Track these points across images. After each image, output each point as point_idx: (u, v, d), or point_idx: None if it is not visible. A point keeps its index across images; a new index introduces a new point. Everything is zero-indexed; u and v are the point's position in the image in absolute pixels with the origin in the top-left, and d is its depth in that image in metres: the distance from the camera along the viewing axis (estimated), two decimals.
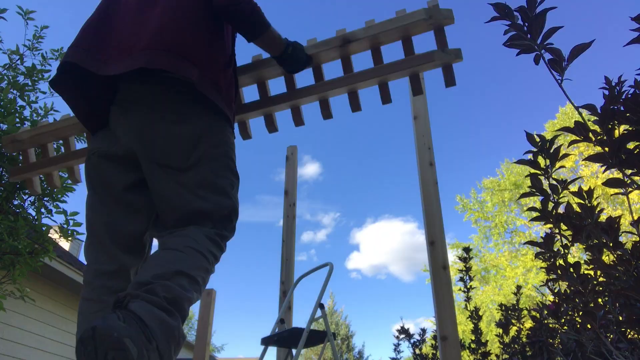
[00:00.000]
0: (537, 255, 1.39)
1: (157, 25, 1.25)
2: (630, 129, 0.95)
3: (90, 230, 1.26)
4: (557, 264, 1.31)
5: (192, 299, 1.02)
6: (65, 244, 10.22)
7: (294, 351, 2.58)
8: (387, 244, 41.92)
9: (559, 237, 1.33)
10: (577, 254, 11.95)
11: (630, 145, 0.98)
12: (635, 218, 1.03)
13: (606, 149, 0.99)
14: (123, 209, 1.25)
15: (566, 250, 1.33)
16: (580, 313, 1.28)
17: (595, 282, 1.26)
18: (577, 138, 1.05)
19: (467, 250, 3.09)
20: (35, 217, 2.64)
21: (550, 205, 1.27)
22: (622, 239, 1.13)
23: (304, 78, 2.03)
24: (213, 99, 1.25)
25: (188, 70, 1.20)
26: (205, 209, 1.19)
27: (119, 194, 1.25)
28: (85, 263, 1.25)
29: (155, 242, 1.37)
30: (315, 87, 1.96)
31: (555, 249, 1.36)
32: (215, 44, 1.35)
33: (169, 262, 1.02)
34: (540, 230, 14.45)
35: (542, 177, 1.27)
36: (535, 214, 1.29)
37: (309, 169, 39.19)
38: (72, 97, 1.34)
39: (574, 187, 1.28)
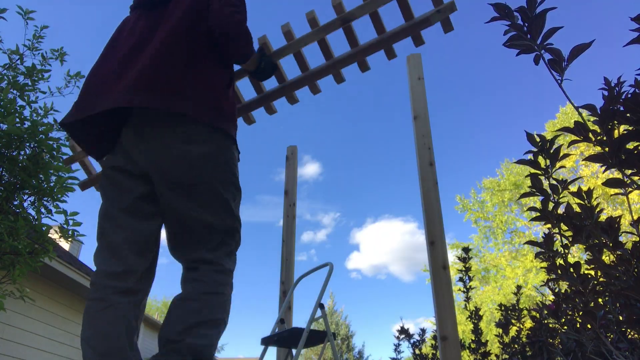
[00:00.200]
0: (537, 255, 1.39)
1: (148, 64, 1.34)
2: (630, 129, 0.95)
3: (102, 236, 1.33)
4: (557, 264, 1.31)
5: (215, 340, 1.21)
6: (65, 244, 10.22)
7: (294, 351, 2.58)
8: (387, 244, 41.94)
9: (559, 237, 1.33)
10: (577, 254, 11.94)
11: (630, 145, 0.98)
12: (635, 218, 1.03)
13: (606, 149, 0.99)
14: (135, 215, 1.33)
15: (566, 250, 1.33)
16: (580, 313, 1.28)
17: (595, 282, 1.26)
18: (577, 138, 1.05)
19: (466, 250, 3.09)
20: (35, 217, 2.64)
21: (551, 205, 1.27)
22: (622, 239, 1.13)
23: (317, 58, 2.40)
24: (217, 124, 1.35)
25: (179, 105, 1.29)
26: (211, 223, 1.32)
27: (133, 202, 1.34)
28: (95, 268, 1.31)
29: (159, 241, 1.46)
30: (327, 66, 2.36)
31: (555, 249, 1.36)
32: (213, 71, 1.45)
33: (190, 315, 1.19)
34: (540, 230, 14.45)
35: (542, 177, 1.27)
36: (535, 214, 1.29)
37: (309, 169, 39.21)
38: (81, 138, 1.47)
39: (574, 187, 1.28)
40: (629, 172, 0.99)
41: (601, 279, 1.23)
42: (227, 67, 1.56)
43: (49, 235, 2.77)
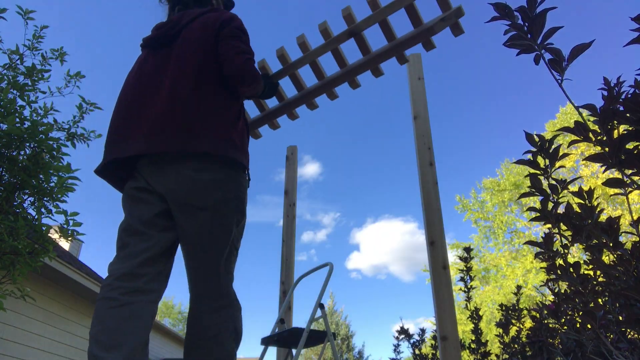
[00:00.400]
0: (537, 255, 1.39)
1: (161, 111, 1.46)
2: (630, 129, 0.95)
3: (122, 247, 1.44)
4: (557, 264, 1.31)
5: None
6: (65, 244, 10.22)
7: (294, 351, 2.58)
8: (387, 244, 41.93)
9: (558, 237, 1.33)
10: (577, 254, 11.94)
11: (630, 146, 0.98)
12: (635, 218, 1.03)
13: (606, 149, 0.99)
14: (155, 227, 1.45)
15: (566, 250, 1.33)
16: (580, 313, 1.28)
17: (595, 282, 1.26)
18: (577, 138, 1.05)
19: (467, 250, 3.09)
20: (35, 217, 2.64)
21: (550, 205, 1.27)
22: (622, 239, 1.13)
23: (331, 65, 2.47)
24: (228, 155, 1.45)
25: (193, 145, 1.41)
26: (214, 245, 1.44)
27: (152, 217, 1.46)
28: (107, 274, 1.39)
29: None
30: (342, 74, 2.43)
31: (555, 249, 1.36)
32: (224, 105, 1.53)
33: None
34: (540, 230, 14.45)
35: (541, 177, 1.27)
36: (535, 214, 1.29)
37: (309, 169, 39.20)
38: (111, 179, 1.59)
39: (573, 187, 1.28)
40: (629, 172, 0.99)
41: (601, 279, 1.23)
42: (236, 99, 1.62)
43: (49, 235, 2.76)
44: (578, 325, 1.43)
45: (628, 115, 0.95)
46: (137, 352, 1.23)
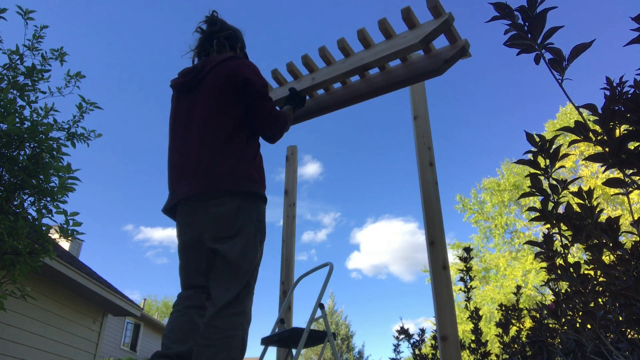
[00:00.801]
0: (537, 255, 1.39)
1: (196, 158, 1.73)
2: (631, 129, 0.95)
3: (180, 266, 1.81)
4: (557, 264, 1.31)
5: None
6: (65, 244, 10.22)
7: (294, 351, 2.58)
8: (388, 244, 41.93)
9: (559, 237, 1.33)
10: (577, 254, 11.94)
11: (631, 146, 0.98)
12: (635, 218, 1.03)
13: (606, 148, 0.99)
14: (197, 251, 1.76)
15: (566, 250, 1.33)
16: (580, 313, 1.28)
17: (595, 282, 1.26)
18: (578, 138, 1.05)
19: (467, 250, 3.09)
20: (36, 217, 2.64)
21: (550, 205, 1.26)
22: (622, 239, 1.13)
23: None
24: (250, 189, 1.70)
25: (219, 186, 1.67)
26: (244, 260, 1.65)
27: (195, 242, 1.75)
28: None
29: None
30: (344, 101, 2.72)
31: (555, 249, 1.36)
32: (245, 147, 1.76)
33: (210, 357, 1.49)
34: (540, 230, 14.45)
35: (542, 177, 1.27)
36: (535, 214, 1.29)
37: (310, 169, 39.22)
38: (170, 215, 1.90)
39: (573, 187, 1.28)
40: (629, 172, 0.99)
41: (601, 279, 1.23)
42: (254, 138, 1.85)
43: (49, 235, 2.76)
44: (578, 325, 1.43)
45: (628, 115, 0.95)
46: (189, 344, 1.60)
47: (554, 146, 1.24)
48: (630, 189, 1.02)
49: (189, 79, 1.89)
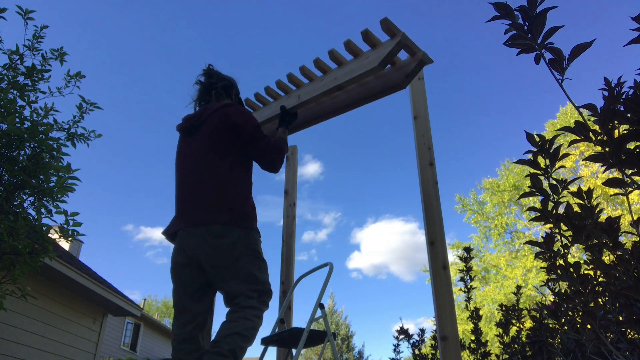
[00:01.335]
0: (537, 255, 1.39)
1: (197, 192, 2.00)
2: (631, 129, 0.95)
3: (175, 291, 2.03)
4: (557, 264, 1.31)
5: (244, 347, 1.77)
6: (65, 244, 10.22)
7: (294, 351, 2.58)
8: (388, 243, 41.94)
9: (559, 237, 1.33)
10: (577, 254, 11.94)
11: (630, 145, 0.98)
12: (635, 218, 1.03)
13: (606, 148, 0.99)
14: (192, 292, 1.99)
15: (566, 250, 1.33)
16: (580, 313, 1.28)
17: (595, 282, 1.26)
18: (578, 138, 1.05)
19: (467, 250, 3.09)
20: (35, 217, 2.64)
21: (550, 205, 1.26)
22: (622, 239, 1.13)
23: None
24: (244, 224, 1.96)
25: (216, 219, 1.93)
26: (245, 291, 1.90)
27: (189, 272, 1.99)
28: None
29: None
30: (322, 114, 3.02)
31: (555, 249, 1.36)
32: (240, 182, 2.04)
33: (230, 328, 1.77)
34: (540, 230, 14.45)
35: (542, 177, 1.27)
36: (535, 214, 1.29)
37: (310, 168, 39.21)
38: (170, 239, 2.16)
39: (573, 187, 1.28)
40: (629, 172, 0.99)
41: (601, 279, 1.23)
42: (248, 174, 2.13)
43: (49, 235, 2.76)
44: (578, 326, 1.43)
45: (628, 115, 0.95)
46: (197, 344, 1.92)
47: (554, 146, 1.24)
48: (630, 189, 1.02)
49: (190, 124, 2.18)
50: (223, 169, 2.01)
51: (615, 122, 0.98)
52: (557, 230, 1.30)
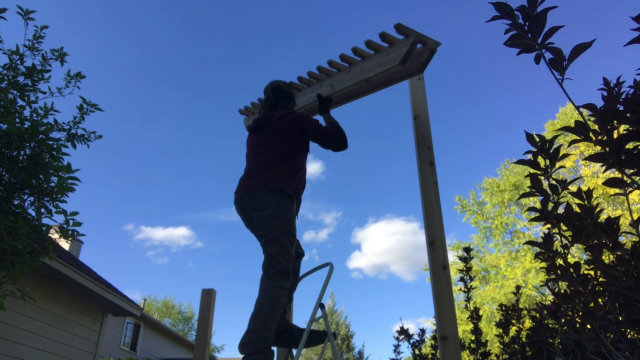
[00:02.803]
0: (537, 255, 1.39)
1: (262, 168, 2.54)
2: (630, 129, 0.95)
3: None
4: (557, 264, 1.31)
5: (273, 329, 2.15)
6: (65, 244, 10.22)
7: (294, 351, 2.58)
8: (389, 243, 41.94)
9: (558, 237, 1.33)
10: (577, 254, 11.94)
11: (630, 145, 0.98)
12: (635, 218, 1.03)
13: (606, 148, 0.99)
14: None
15: (566, 251, 1.33)
16: (580, 313, 1.28)
17: (595, 282, 1.26)
18: (578, 137, 1.05)
19: (467, 250, 3.08)
20: (35, 217, 2.64)
21: (550, 205, 1.26)
22: (622, 239, 1.13)
23: None
24: (286, 191, 2.45)
25: (271, 185, 2.45)
26: (275, 255, 2.31)
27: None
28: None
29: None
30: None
31: (555, 249, 1.36)
32: (295, 164, 2.59)
33: (260, 312, 2.16)
34: (540, 230, 14.44)
35: (542, 177, 1.27)
36: (535, 214, 1.29)
37: (311, 168, 39.19)
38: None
39: (573, 187, 1.28)
40: (629, 171, 0.99)
41: (601, 279, 1.23)
42: (307, 149, 2.74)
43: (49, 235, 2.76)
44: (578, 326, 1.43)
45: (628, 115, 0.95)
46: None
47: (553, 146, 1.24)
48: (630, 189, 1.02)
49: (259, 124, 2.75)
50: (287, 157, 2.59)
51: (615, 122, 0.98)
52: (557, 230, 1.30)
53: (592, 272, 1.30)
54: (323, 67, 3.25)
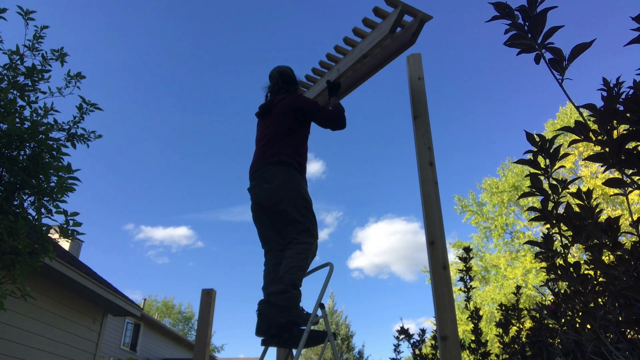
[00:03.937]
0: (537, 255, 1.39)
1: (267, 146, 2.77)
2: (630, 129, 0.95)
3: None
4: (557, 264, 1.31)
5: (301, 276, 2.41)
6: (65, 244, 10.22)
7: (294, 351, 2.58)
8: (390, 243, 41.95)
9: (558, 237, 1.33)
10: (577, 254, 11.94)
11: (630, 145, 0.98)
12: (635, 218, 1.03)
13: (606, 149, 0.99)
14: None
15: (566, 250, 1.33)
16: (580, 313, 1.28)
17: (595, 282, 1.26)
18: (578, 138, 1.05)
19: (467, 250, 3.08)
20: (35, 217, 2.64)
21: (550, 205, 1.26)
22: (622, 239, 1.13)
23: None
24: (290, 162, 2.68)
25: (276, 158, 2.68)
26: (296, 219, 2.56)
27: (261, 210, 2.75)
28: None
29: None
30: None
31: (555, 249, 1.36)
32: (297, 141, 2.80)
33: (287, 264, 2.41)
34: (540, 230, 14.44)
35: (542, 177, 1.27)
36: (535, 214, 1.29)
37: (312, 168, 39.19)
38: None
39: (573, 188, 1.27)
40: (629, 171, 0.99)
41: (601, 279, 1.23)
42: (308, 129, 2.92)
43: (49, 235, 2.76)
44: (578, 326, 1.43)
45: (628, 115, 0.95)
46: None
47: (553, 146, 1.24)
48: (630, 189, 1.02)
49: (265, 109, 2.98)
50: (289, 134, 2.78)
51: (615, 122, 0.98)
52: (556, 230, 1.30)
53: (592, 272, 1.30)
54: (331, 54, 3.53)
